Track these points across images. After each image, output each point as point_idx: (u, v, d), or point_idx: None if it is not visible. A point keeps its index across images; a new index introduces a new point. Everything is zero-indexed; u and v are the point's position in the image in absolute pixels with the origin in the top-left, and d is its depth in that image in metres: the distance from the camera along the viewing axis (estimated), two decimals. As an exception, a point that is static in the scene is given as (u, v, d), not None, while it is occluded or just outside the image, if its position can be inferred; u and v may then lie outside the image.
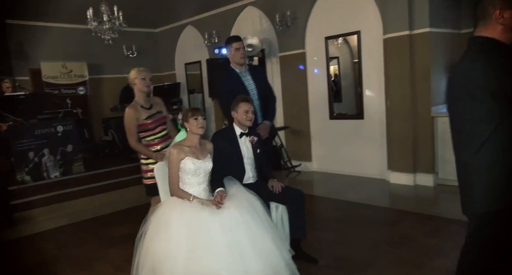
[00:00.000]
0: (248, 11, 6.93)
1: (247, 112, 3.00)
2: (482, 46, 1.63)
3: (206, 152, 2.78)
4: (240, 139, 3.08)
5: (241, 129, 3.08)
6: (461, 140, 1.69)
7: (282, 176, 6.08)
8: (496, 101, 1.55)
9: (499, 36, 1.62)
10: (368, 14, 5.36)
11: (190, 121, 2.70)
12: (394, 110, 5.06)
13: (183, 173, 2.68)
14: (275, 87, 6.67)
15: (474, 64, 1.58)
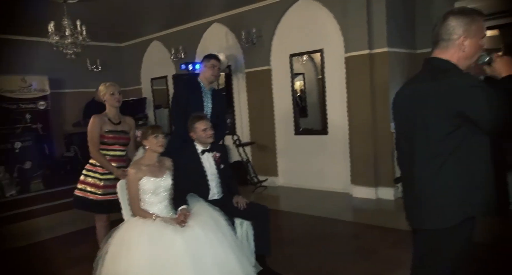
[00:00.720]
0: (215, 27, 7.01)
1: (205, 130, 3.00)
2: (442, 67, 1.67)
3: (164, 169, 2.76)
4: (202, 156, 3.08)
5: (203, 146, 3.08)
6: (422, 158, 1.71)
7: (249, 191, 6.09)
8: (460, 122, 1.59)
9: (458, 62, 1.67)
10: (330, 33, 5.56)
11: (150, 139, 2.67)
12: (356, 126, 5.23)
13: (142, 193, 2.64)
14: (241, 102, 6.78)
15: (441, 86, 1.60)
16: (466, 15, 1.65)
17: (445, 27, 1.67)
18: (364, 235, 3.98)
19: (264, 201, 5.60)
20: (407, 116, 1.75)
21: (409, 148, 1.76)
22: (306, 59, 6.56)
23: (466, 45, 1.65)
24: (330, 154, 5.77)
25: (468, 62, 1.69)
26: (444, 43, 1.69)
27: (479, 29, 1.65)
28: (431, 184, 1.68)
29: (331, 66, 5.63)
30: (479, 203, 1.66)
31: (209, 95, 3.63)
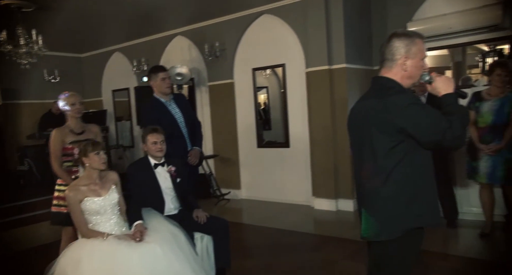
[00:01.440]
0: (178, 40, 7.00)
1: (155, 143, 2.96)
2: (389, 86, 1.77)
3: (109, 183, 2.65)
4: (155, 169, 3.03)
5: (155, 160, 3.04)
6: (369, 172, 1.79)
7: (211, 204, 6.05)
8: (403, 137, 1.69)
9: (401, 80, 1.79)
10: (292, 49, 5.70)
11: (90, 156, 2.55)
12: (317, 139, 5.35)
13: (88, 214, 2.52)
14: (205, 115, 6.76)
15: (385, 103, 1.69)
16: (407, 37, 1.76)
17: (389, 48, 1.79)
18: (324, 246, 4.04)
19: (227, 214, 5.60)
20: (356, 132, 1.85)
21: (359, 162, 1.85)
22: (269, 73, 6.67)
23: (407, 65, 1.76)
24: (292, 166, 5.85)
25: (411, 81, 1.81)
26: (388, 63, 1.80)
27: (420, 50, 1.77)
28: (377, 197, 1.76)
29: (293, 81, 5.76)
30: (423, 215, 1.75)
31: (173, 105, 3.61)
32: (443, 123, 1.62)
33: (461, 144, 1.67)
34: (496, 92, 3.64)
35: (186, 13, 6.25)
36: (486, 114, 3.65)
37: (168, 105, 3.58)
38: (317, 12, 5.11)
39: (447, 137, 1.61)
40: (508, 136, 3.54)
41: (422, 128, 1.64)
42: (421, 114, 1.65)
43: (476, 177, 3.77)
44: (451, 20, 4.73)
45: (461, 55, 5.65)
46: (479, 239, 3.84)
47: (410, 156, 1.71)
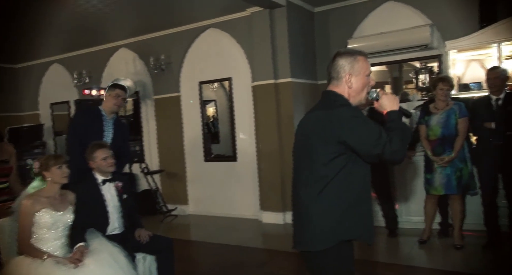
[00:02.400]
0: (122, 52, 6.79)
1: (106, 159, 2.84)
2: (335, 100, 1.82)
3: (66, 203, 2.56)
4: (103, 186, 2.89)
5: (103, 176, 2.91)
6: (306, 180, 1.80)
7: (157, 221, 5.86)
8: (343, 149, 1.72)
9: (348, 96, 1.85)
10: (238, 63, 5.74)
11: (52, 170, 2.47)
12: (264, 152, 5.38)
13: (37, 227, 2.39)
14: (150, 129, 6.58)
15: (329, 115, 1.74)
16: (350, 55, 1.83)
17: (333, 66, 1.86)
18: (271, 261, 4.02)
19: (174, 231, 5.44)
20: (300, 140, 1.88)
21: (298, 170, 1.87)
22: (217, 86, 6.65)
23: (352, 81, 1.83)
24: (240, 180, 5.82)
25: (358, 97, 1.87)
26: (335, 81, 1.87)
27: (362, 67, 1.83)
28: (311, 207, 1.78)
29: (240, 94, 5.78)
30: (356, 227, 1.78)
31: (110, 125, 3.44)
32: (384, 137, 1.68)
33: (400, 158, 1.72)
34: (442, 105, 3.86)
35: (130, 25, 6.10)
36: (435, 127, 3.84)
37: (105, 121, 3.40)
38: (262, 27, 5.20)
39: (386, 151, 1.66)
40: (457, 147, 3.73)
41: (363, 141, 1.69)
42: (362, 127, 1.70)
43: (431, 190, 3.89)
44: (387, 38, 5.00)
45: (398, 71, 5.99)
46: (418, 246, 4.02)
47: (349, 168, 1.75)
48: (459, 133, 3.74)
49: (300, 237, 1.84)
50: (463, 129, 3.74)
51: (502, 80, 3.72)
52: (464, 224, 4.14)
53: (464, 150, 3.79)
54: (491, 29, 4.35)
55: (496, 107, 3.72)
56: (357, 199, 1.78)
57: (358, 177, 1.79)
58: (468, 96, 4.60)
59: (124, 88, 3.52)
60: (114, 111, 3.44)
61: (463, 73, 5.23)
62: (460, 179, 3.75)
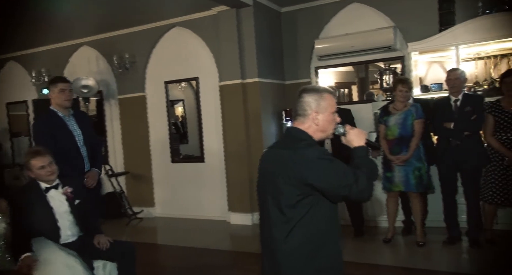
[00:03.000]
0: (84, 50, 6.55)
1: (43, 168, 2.66)
2: (301, 138, 1.77)
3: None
4: (47, 193, 2.73)
5: (46, 184, 2.74)
6: (274, 221, 1.76)
7: (122, 224, 5.69)
8: (310, 190, 1.68)
9: (313, 134, 1.80)
10: (205, 62, 5.65)
11: None
12: (232, 153, 5.33)
13: None
14: (115, 130, 6.39)
15: (294, 155, 1.70)
16: (316, 93, 1.79)
17: (300, 103, 1.81)
18: (239, 263, 3.98)
19: (139, 234, 5.30)
20: (265, 177, 1.82)
21: (264, 208, 1.82)
22: (185, 85, 6.53)
23: (318, 119, 1.78)
24: (207, 181, 5.75)
25: (323, 134, 1.83)
26: (300, 118, 1.81)
27: (329, 104, 1.80)
28: (280, 249, 1.73)
29: (207, 94, 5.70)
30: (326, 269, 1.75)
31: (73, 122, 3.32)
32: (350, 178, 1.65)
33: (367, 197, 1.71)
34: (400, 106, 3.94)
35: (93, 22, 5.88)
36: (393, 127, 3.92)
37: (67, 120, 3.28)
38: (228, 26, 5.14)
39: (353, 192, 1.64)
40: (412, 147, 3.82)
41: (329, 183, 1.66)
42: (328, 169, 1.66)
43: (393, 187, 3.96)
44: (352, 39, 5.08)
45: (364, 72, 6.09)
46: (383, 245, 4.09)
47: (316, 209, 1.71)
48: (414, 134, 3.85)
49: None
50: (419, 130, 3.85)
51: (461, 82, 3.84)
52: (427, 221, 4.26)
53: (420, 149, 3.90)
54: (450, 32, 4.49)
55: (455, 107, 3.84)
56: (326, 240, 1.75)
57: (325, 217, 1.75)
58: (429, 96, 4.73)
59: (65, 80, 3.37)
60: (67, 107, 3.29)
61: (425, 74, 5.39)
62: (420, 178, 3.85)
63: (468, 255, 3.75)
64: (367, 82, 5.95)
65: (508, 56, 4.62)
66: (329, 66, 5.58)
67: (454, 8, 4.70)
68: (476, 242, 3.78)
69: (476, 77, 4.83)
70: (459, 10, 4.70)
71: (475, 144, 3.77)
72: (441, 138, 3.97)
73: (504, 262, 3.46)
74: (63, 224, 2.71)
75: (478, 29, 4.35)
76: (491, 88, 4.58)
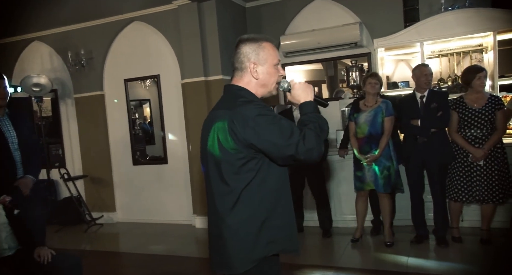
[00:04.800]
0: (36, 46, 6.12)
1: None
2: (239, 95, 1.58)
3: None
4: None
5: None
6: (218, 193, 1.55)
7: (81, 231, 5.37)
8: (253, 153, 1.49)
9: (254, 89, 1.62)
10: (166, 59, 5.38)
11: None
12: (195, 154, 5.09)
13: None
14: (72, 131, 6.02)
15: (232, 114, 1.49)
16: (254, 42, 1.61)
17: (236, 55, 1.63)
18: (203, 270, 3.77)
19: (99, 241, 5.00)
20: (206, 147, 1.61)
21: (208, 181, 1.62)
22: (149, 84, 6.19)
23: (258, 72, 1.60)
24: (171, 184, 5.49)
25: (265, 89, 1.64)
26: (238, 72, 1.63)
27: (269, 55, 1.61)
28: (226, 223, 1.54)
29: (169, 93, 5.44)
30: (278, 240, 1.57)
31: (6, 123, 3.00)
32: (296, 135, 1.45)
33: (316, 156, 1.47)
34: (371, 101, 3.82)
35: (45, 15, 5.48)
36: (363, 125, 3.79)
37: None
38: (190, 21, 4.89)
39: (300, 151, 1.43)
40: (382, 145, 3.71)
41: (272, 142, 1.45)
42: (270, 127, 1.46)
43: (364, 186, 3.85)
44: (319, 36, 4.96)
45: (333, 70, 6.00)
46: (351, 245, 3.98)
47: (263, 175, 1.52)
48: (384, 132, 3.75)
49: (218, 258, 1.60)
50: (389, 128, 3.75)
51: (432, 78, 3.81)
52: (395, 220, 4.19)
53: (390, 148, 3.80)
54: (414, 28, 4.44)
55: (421, 104, 3.78)
56: (276, 208, 1.56)
57: (274, 183, 1.55)
58: (395, 94, 4.68)
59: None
60: (1, 106, 2.96)
61: (393, 72, 5.35)
62: (388, 178, 3.76)
63: (435, 253, 3.69)
64: (336, 80, 5.86)
65: (470, 53, 4.63)
66: (296, 63, 5.45)
67: (418, 5, 4.68)
68: (443, 240, 3.74)
69: (441, 74, 4.82)
70: (423, 6, 4.67)
71: (441, 141, 3.72)
72: (408, 135, 3.90)
73: (471, 259, 3.42)
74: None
75: (441, 26, 4.33)
76: (455, 85, 4.58)
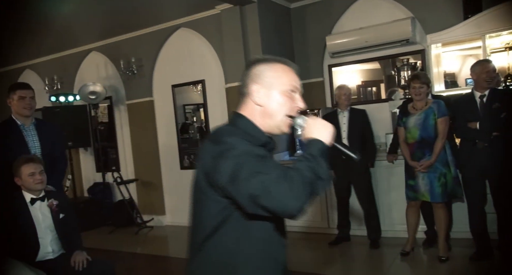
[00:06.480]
0: (93, 56, 6.47)
1: (33, 175, 2.55)
2: (229, 126, 1.31)
3: None
4: (32, 205, 2.58)
5: (33, 194, 2.59)
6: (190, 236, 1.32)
7: (131, 233, 5.55)
8: (219, 193, 1.19)
9: (260, 121, 1.29)
10: (211, 64, 5.41)
11: None
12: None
13: None
14: (125, 136, 6.26)
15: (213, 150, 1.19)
16: (264, 62, 1.31)
17: (242, 78, 1.32)
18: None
19: (150, 243, 5.14)
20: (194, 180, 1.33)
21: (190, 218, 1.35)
22: (201, 88, 6.24)
23: (261, 96, 1.27)
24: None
25: (272, 121, 1.29)
26: (242, 99, 1.33)
27: (280, 77, 1.28)
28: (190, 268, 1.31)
29: (213, 97, 5.46)
30: None
31: (33, 133, 3.08)
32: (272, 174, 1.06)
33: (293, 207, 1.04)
34: (420, 105, 3.51)
35: (99, 27, 5.77)
36: (413, 129, 3.49)
37: (25, 130, 3.05)
38: (232, 25, 4.86)
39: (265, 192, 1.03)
40: (437, 150, 3.37)
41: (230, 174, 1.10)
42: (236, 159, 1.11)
43: (418, 196, 3.53)
44: (367, 34, 4.69)
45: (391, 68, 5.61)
46: (400, 258, 3.68)
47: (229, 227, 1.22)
48: (438, 135, 3.40)
49: None
50: (443, 130, 3.39)
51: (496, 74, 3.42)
52: (452, 232, 3.81)
53: (446, 152, 3.45)
54: (474, 20, 4.02)
55: (480, 105, 3.39)
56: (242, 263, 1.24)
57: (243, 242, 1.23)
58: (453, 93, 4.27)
59: (25, 86, 3.13)
60: (27, 115, 3.05)
61: (460, 69, 4.87)
62: (445, 185, 3.41)
63: (500, 272, 3.27)
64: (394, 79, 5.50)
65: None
66: (344, 64, 5.19)
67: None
68: (510, 256, 3.30)
69: (508, 70, 4.31)
70: (485, -5, 4.21)
71: (506, 146, 3.30)
72: (464, 140, 3.51)
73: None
74: (44, 240, 2.57)
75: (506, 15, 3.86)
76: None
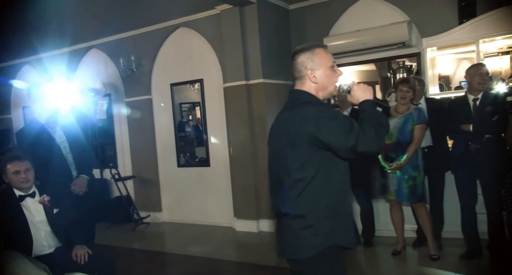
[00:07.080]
0: (93, 53, 6.51)
1: (17, 173, 2.57)
2: (300, 98, 1.74)
3: None
4: (22, 201, 2.61)
5: (21, 191, 2.63)
6: (284, 186, 1.71)
7: (128, 229, 5.61)
8: (315, 148, 1.63)
9: (316, 93, 1.77)
10: (209, 63, 5.47)
11: None
12: (236, 157, 5.11)
13: None
14: (123, 134, 6.32)
15: (295, 114, 1.67)
16: (307, 50, 1.75)
17: (293, 66, 1.79)
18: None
19: (146, 240, 5.20)
20: (273, 146, 1.83)
21: (275, 177, 1.80)
22: (198, 87, 6.30)
23: (317, 76, 1.74)
24: (213, 186, 5.56)
25: (326, 91, 1.78)
26: (299, 81, 1.79)
27: (323, 58, 1.75)
28: (291, 213, 1.69)
29: (211, 96, 5.52)
30: (338, 232, 1.68)
31: (57, 128, 3.25)
32: (355, 129, 1.59)
33: (376, 149, 1.61)
34: (402, 109, 3.62)
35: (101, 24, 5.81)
36: (392, 131, 3.57)
37: (50, 128, 3.20)
38: (232, 25, 4.93)
39: (360, 142, 1.55)
40: (409, 154, 3.49)
41: (334, 134, 1.60)
42: (331, 121, 1.62)
43: (386, 195, 3.68)
44: (364, 36, 4.75)
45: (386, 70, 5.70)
46: (392, 258, 3.76)
47: (325, 169, 1.66)
48: (413, 140, 3.52)
49: (283, 245, 1.76)
50: (418, 136, 3.52)
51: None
52: (443, 232, 3.90)
53: (418, 157, 3.56)
54: (469, 25, 4.11)
55: (474, 107, 3.48)
56: (337, 201, 1.70)
57: (336, 178, 1.70)
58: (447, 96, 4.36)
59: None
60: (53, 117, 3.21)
61: (454, 72, 4.97)
62: (413, 187, 3.52)
63: (490, 271, 3.36)
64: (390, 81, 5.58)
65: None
66: (340, 65, 5.19)
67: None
68: (499, 256, 3.39)
69: (501, 74, 4.41)
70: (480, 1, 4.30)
71: (497, 148, 3.39)
72: (457, 141, 3.60)
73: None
74: (37, 235, 2.60)
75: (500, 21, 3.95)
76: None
